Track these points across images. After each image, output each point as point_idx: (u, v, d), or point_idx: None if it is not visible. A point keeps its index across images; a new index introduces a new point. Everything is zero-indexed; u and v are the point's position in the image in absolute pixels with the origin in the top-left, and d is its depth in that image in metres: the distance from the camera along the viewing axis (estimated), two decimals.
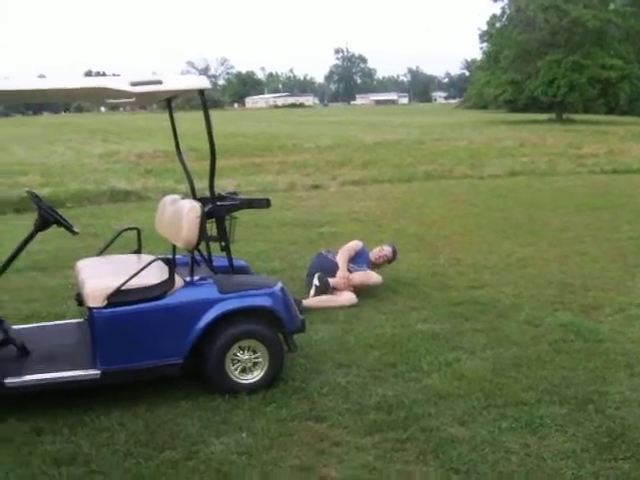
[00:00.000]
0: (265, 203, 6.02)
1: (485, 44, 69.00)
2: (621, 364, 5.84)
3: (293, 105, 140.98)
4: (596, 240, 10.92)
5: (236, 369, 5.30)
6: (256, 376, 5.34)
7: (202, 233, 5.26)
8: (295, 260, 9.45)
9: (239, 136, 33.89)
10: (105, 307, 5.01)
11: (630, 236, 11.18)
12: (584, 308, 7.43)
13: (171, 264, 5.22)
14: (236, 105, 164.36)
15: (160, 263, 5.43)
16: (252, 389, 5.27)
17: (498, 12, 63.57)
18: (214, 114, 5.79)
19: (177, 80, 5.28)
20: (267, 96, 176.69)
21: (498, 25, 64.20)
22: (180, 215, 5.36)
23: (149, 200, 14.99)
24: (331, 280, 7.75)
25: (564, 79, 54.76)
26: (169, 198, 6.07)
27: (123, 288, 5.02)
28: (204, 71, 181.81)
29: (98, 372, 5.02)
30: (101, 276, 5.37)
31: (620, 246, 10.47)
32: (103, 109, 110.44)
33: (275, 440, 4.64)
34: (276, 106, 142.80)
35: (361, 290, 7.82)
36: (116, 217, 13.26)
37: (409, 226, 12.21)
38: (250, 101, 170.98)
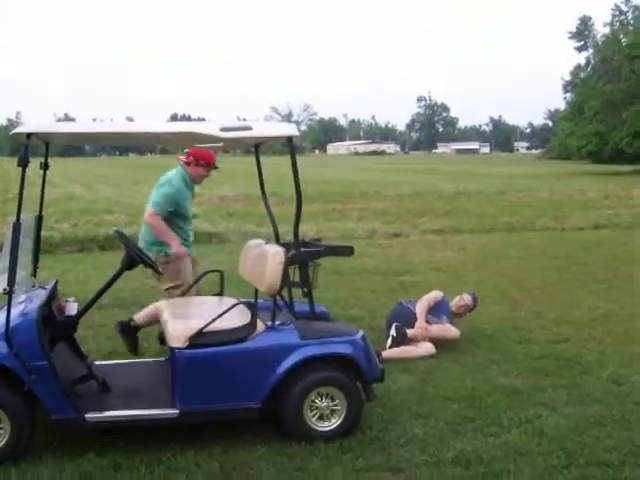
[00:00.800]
0: (348, 251, 6.05)
1: (569, 94, 68.62)
2: None
3: (374, 152, 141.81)
4: None
5: (314, 416, 5.31)
6: (333, 424, 5.33)
7: (285, 278, 5.31)
8: (374, 308, 9.40)
9: (320, 182, 34.17)
10: (187, 348, 5.09)
11: None
12: None
13: (253, 308, 5.27)
14: (317, 151, 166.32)
15: (242, 307, 5.49)
16: (329, 437, 5.26)
17: (582, 62, 63.19)
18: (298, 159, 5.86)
19: (267, 127, 5.42)
20: (348, 143, 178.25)
21: (582, 75, 63.72)
22: (264, 260, 5.42)
23: (230, 243, 15.21)
24: (409, 331, 7.71)
25: None
26: (253, 242, 6.16)
27: (205, 330, 5.09)
28: (287, 117, 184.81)
29: (177, 411, 5.08)
30: (184, 317, 5.47)
31: None
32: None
33: None
34: (357, 153, 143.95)
35: (440, 342, 7.75)
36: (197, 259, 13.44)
37: (489, 278, 12.07)
38: (331, 147, 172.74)
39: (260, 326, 5.27)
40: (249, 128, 5.14)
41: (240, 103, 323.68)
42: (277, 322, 5.41)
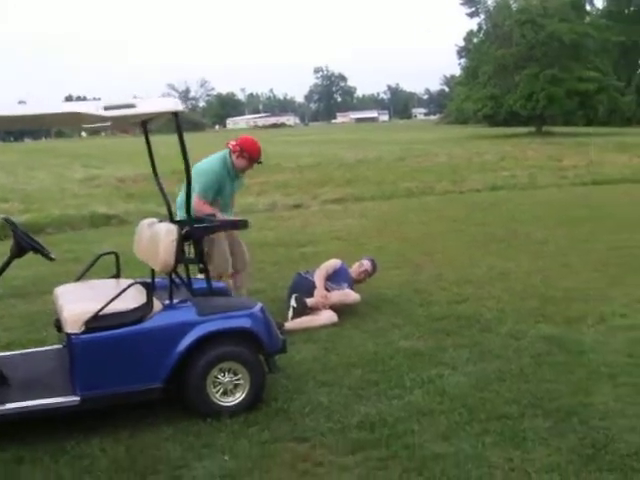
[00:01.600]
0: (243, 224, 6.00)
1: (463, 60, 69.69)
2: (604, 375, 5.83)
3: (274, 125, 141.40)
4: (578, 252, 10.96)
5: (217, 392, 5.26)
6: (238, 398, 5.30)
7: (179, 256, 5.24)
8: (276, 280, 9.38)
9: None
10: (83, 333, 4.97)
11: (611, 246, 11.24)
12: (566, 320, 7.42)
13: (149, 288, 5.17)
14: (217, 127, 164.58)
15: (139, 287, 5.37)
16: (234, 411, 5.23)
17: (475, 28, 64.17)
18: (195, 136, 5.78)
19: (150, 103, 5.27)
20: (248, 117, 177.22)
21: (475, 41, 64.75)
22: (157, 238, 5.33)
23: (130, 224, 14.92)
24: (309, 300, 7.74)
25: (542, 92, 55.23)
26: (146, 221, 6.04)
27: (101, 313, 4.98)
28: (184, 93, 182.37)
29: (77, 398, 4.96)
30: (79, 301, 5.33)
31: (602, 257, 10.52)
32: (84, 134, 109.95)
33: (257, 462, 4.59)
34: (257, 127, 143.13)
35: (342, 308, 7.80)
36: (97, 242, 13.19)
37: (391, 243, 12.22)
38: (231, 122, 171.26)
39: (157, 305, 5.18)
40: (132, 105, 5.02)
41: (136, 82, 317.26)
42: (175, 300, 5.34)
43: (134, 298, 5.17)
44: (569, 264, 10.11)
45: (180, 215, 7.12)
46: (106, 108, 4.88)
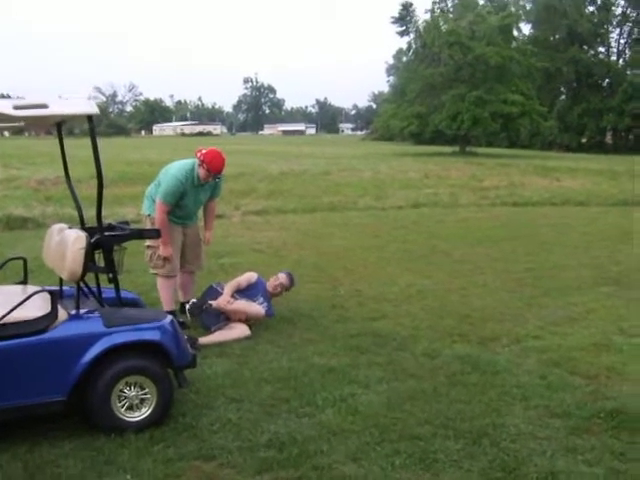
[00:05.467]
0: (155, 234, 5.85)
1: (392, 77, 70.44)
2: (517, 396, 5.84)
3: (200, 133, 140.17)
4: (495, 271, 11.06)
5: (122, 406, 5.06)
6: (143, 413, 5.11)
7: (87, 264, 5.04)
8: (194, 291, 9.17)
9: (143, 163, 33.30)
10: None
11: (528, 267, 11.40)
12: (481, 340, 7.45)
13: (54, 296, 4.95)
14: (143, 132, 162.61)
15: (45, 295, 5.14)
16: (139, 427, 5.03)
17: (405, 46, 64.90)
18: (119, 141, 5.60)
19: (64, 105, 5.05)
20: (175, 124, 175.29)
21: (405, 59, 65.53)
22: (65, 245, 5.13)
23: (47, 227, 14.50)
24: (213, 302, 7.64)
25: (467, 113, 56.27)
26: (56, 227, 5.82)
27: (2, 321, 4.73)
28: (111, 97, 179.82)
29: None
30: None
31: (518, 277, 10.64)
32: (7, 134, 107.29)
33: None
34: (183, 134, 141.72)
35: (256, 323, 7.68)
36: (11, 245, 12.77)
37: (310, 257, 12.14)
38: (157, 129, 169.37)
39: (62, 315, 4.96)
40: (45, 106, 4.80)
41: (66, 83, 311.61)
42: (82, 310, 5.13)
43: (38, 306, 4.93)
44: (486, 283, 10.19)
45: (145, 205, 7.89)
46: (16, 107, 4.66)
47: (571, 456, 4.81)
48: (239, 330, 7.42)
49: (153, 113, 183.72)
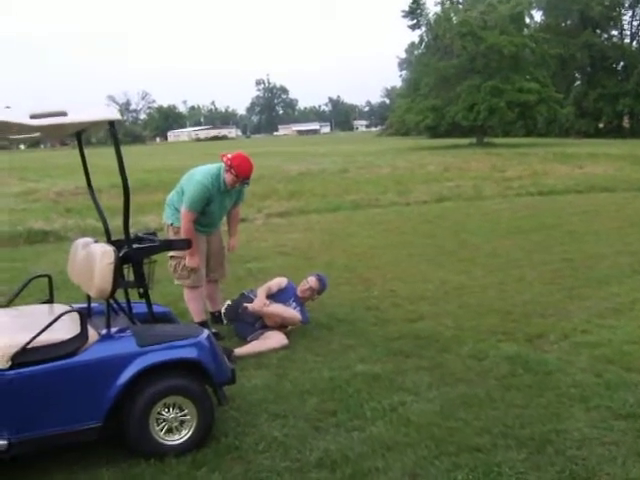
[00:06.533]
0: (185, 244, 5.56)
1: (404, 72, 70.07)
2: (575, 397, 5.51)
3: (215, 138, 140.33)
4: (531, 264, 10.72)
5: (161, 429, 4.76)
6: (184, 436, 4.81)
7: (117, 280, 4.75)
8: (221, 300, 8.88)
9: (162, 171, 33.12)
10: (10, 368, 4.41)
11: (563, 257, 11.05)
12: (528, 337, 7.11)
13: (83, 316, 4.65)
14: (158, 139, 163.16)
15: (74, 315, 4.84)
16: (180, 451, 4.74)
17: (416, 40, 64.48)
18: (136, 149, 5.32)
19: (84, 112, 4.76)
20: (189, 129, 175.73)
21: (417, 53, 65.13)
22: (92, 261, 4.83)
23: (68, 240, 14.29)
24: (249, 305, 7.36)
25: (484, 104, 55.90)
26: (81, 241, 5.53)
27: (30, 346, 4.43)
28: (125, 105, 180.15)
29: (5, 443, 4.38)
30: (5, 332, 4.77)
31: (555, 269, 10.29)
32: (22, 147, 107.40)
33: None
34: (198, 139, 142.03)
35: (292, 329, 7.42)
36: (33, 260, 12.55)
37: (339, 258, 11.81)
38: (172, 135, 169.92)
39: (93, 335, 4.67)
40: (64, 114, 4.51)
41: (75, 93, 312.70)
42: (113, 329, 4.84)
43: (67, 328, 4.63)
44: (523, 277, 9.85)
45: (167, 213, 7.60)
46: (32, 116, 4.37)
47: None
48: (276, 339, 7.11)
49: (167, 120, 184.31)
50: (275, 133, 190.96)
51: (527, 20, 63.54)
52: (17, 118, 4.40)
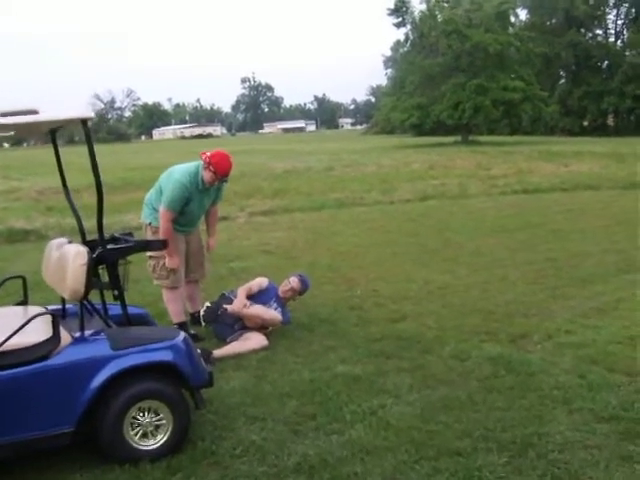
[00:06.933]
0: (161, 245, 5.46)
1: (390, 70, 70.04)
2: (558, 399, 5.44)
3: (200, 135, 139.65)
4: (514, 263, 10.66)
5: (136, 434, 4.65)
6: (159, 441, 4.69)
7: (90, 282, 4.63)
8: (203, 300, 8.76)
9: (145, 169, 32.90)
10: None
11: (547, 257, 10.99)
12: (511, 337, 7.04)
13: (55, 319, 4.53)
14: (143, 137, 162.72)
15: (47, 317, 4.72)
16: (155, 456, 4.63)
17: (402, 38, 64.43)
18: (120, 147, 5.20)
19: (55, 110, 4.65)
20: (174, 127, 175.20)
21: (402, 51, 65.11)
22: (65, 262, 4.72)
23: (49, 239, 14.12)
24: (228, 306, 7.27)
25: (469, 102, 55.99)
26: (55, 242, 5.41)
27: (0, 350, 4.33)
28: (110, 103, 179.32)
29: None
30: None
31: (539, 268, 10.24)
32: (6, 145, 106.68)
33: None
34: (183, 137, 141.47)
35: (272, 330, 7.31)
36: (12, 259, 12.40)
37: (322, 257, 11.71)
38: (157, 133, 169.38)
39: (66, 339, 4.55)
40: (34, 112, 4.41)
41: (61, 88, 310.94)
42: (87, 332, 4.73)
43: (40, 330, 4.51)
44: (507, 276, 9.78)
45: (145, 213, 7.48)
46: (3, 114, 4.26)
47: (627, 465, 4.42)
48: (255, 340, 7.01)
49: (152, 117, 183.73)
50: (260, 131, 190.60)
51: (512, 19, 63.62)
52: None
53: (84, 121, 4.64)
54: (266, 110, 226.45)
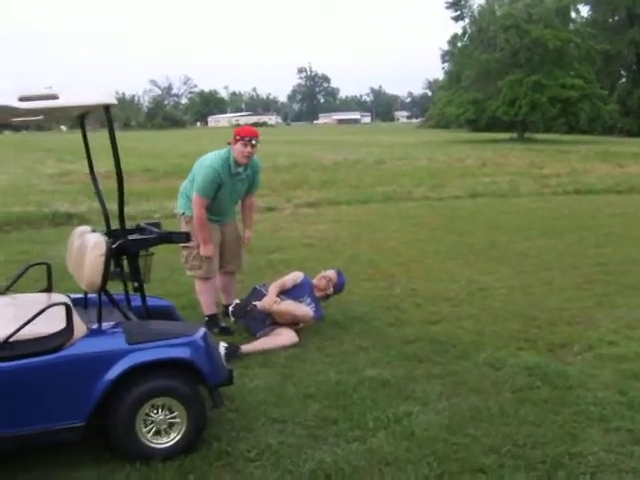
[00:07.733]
0: (184, 237, 5.29)
1: (447, 64, 69.37)
2: (594, 417, 5.14)
3: (255, 124, 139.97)
4: (562, 267, 10.30)
5: (149, 431, 4.50)
6: (172, 439, 4.54)
7: (107, 273, 4.49)
8: (238, 292, 8.56)
9: (196, 155, 32.88)
10: None
11: (597, 262, 10.60)
12: (550, 346, 6.74)
13: (69, 310, 4.37)
14: (198, 124, 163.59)
15: (63, 308, 4.55)
16: (168, 455, 4.48)
17: (459, 32, 63.71)
18: (175, 133, 5.02)
19: (76, 95, 4.49)
20: (229, 115, 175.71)
21: (460, 45, 64.37)
22: (84, 251, 4.59)
23: (91, 224, 14.13)
24: (258, 303, 7.07)
25: (525, 98, 55.05)
26: (79, 230, 5.29)
27: (12, 339, 4.20)
28: (167, 90, 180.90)
29: None
30: None
31: (587, 273, 9.87)
32: (64, 128, 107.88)
33: None
34: (238, 125, 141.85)
35: (304, 326, 7.13)
36: (54, 242, 12.37)
37: (364, 252, 11.50)
38: (212, 120, 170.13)
39: (81, 330, 4.42)
40: (54, 97, 4.25)
41: (119, 75, 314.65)
42: (105, 324, 4.59)
43: (55, 321, 4.38)
44: (553, 280, 9.45)
45: (180, 203, 7.50)
46: (22, 99, 4.12)
47: None
48: (286, 337, 6.83)
49: (208, 105, 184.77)
50: (315, 121, 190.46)
51: (573, 15, 62.45)
52: (3, 100, 4.17)
53: (106, 107, 4.49)
54: (322, 101, 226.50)
